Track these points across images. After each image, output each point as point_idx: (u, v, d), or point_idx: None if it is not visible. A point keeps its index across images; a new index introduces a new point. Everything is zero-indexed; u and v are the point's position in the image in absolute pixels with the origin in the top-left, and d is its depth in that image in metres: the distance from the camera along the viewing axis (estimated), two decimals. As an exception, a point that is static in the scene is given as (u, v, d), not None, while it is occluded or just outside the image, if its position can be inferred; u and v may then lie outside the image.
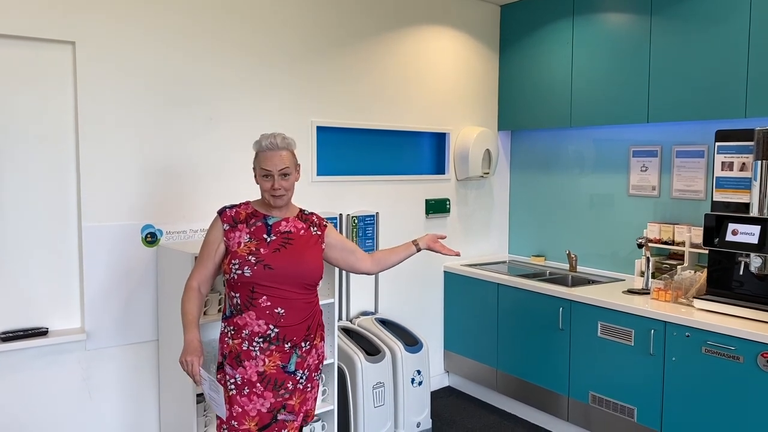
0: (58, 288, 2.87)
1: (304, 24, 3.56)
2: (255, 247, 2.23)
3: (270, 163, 2.22)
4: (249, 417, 2.23)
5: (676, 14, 3.41)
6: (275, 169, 2.22)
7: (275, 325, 2.22)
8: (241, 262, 2.20)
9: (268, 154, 2.23)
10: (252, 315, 2.22)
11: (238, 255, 2.22)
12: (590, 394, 3.44)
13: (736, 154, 3.06)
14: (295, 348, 2.27)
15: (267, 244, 2.24)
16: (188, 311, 2.26)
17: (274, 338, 2.23)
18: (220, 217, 2.30)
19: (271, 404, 2.25)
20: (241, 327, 2.23)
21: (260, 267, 2.20)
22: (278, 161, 2.22)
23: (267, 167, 2.22)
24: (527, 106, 4.32)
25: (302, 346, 2.29)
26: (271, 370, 2.23)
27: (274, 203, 2.26)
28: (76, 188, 2.89)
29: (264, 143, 2.24)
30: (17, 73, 2.71)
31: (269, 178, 2.23)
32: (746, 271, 2.98)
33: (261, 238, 2.25)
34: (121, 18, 2.92)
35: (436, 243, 2.56)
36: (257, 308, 2.21)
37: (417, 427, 3.62)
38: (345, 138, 3.89)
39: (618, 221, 4.03)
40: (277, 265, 2.22)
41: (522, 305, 3.82)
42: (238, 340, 2.24)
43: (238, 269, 2.20)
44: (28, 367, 2.79)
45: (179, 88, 3.12)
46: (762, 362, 2.71)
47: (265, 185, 2.25)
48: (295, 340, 2.26)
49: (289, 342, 2.25)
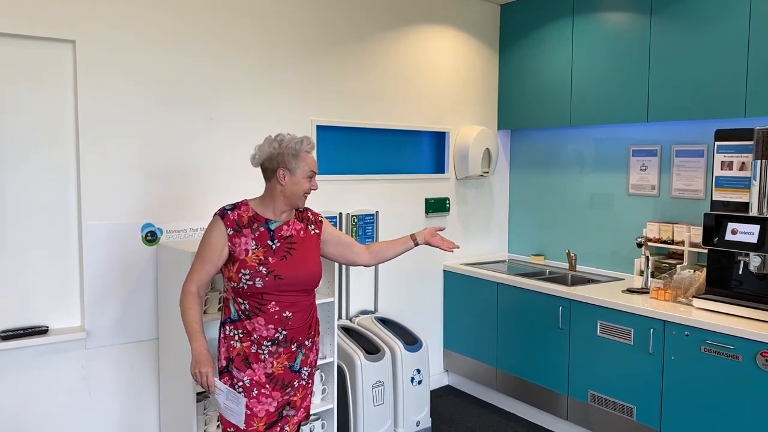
0: (58, 287, 2.88)
1: (305, 23, 3.56)
2: (263, 256, 2.22)
3: (315, 164, 2.30)
4: (257, 418, 2.25)
5: (675, 14, 3.42)
6: (317, 169, 2.31)
7: (284, 328, 2.25)
8: (252, 273, 2.19)
9: (312, 156, 2.30)
10: (261, 321, 2.23)
11: (248, 265, 2.20)
12: (589, 393, 3.45)
13: (735, 153, 3.06)
14: (300, 347, 2.32)
15: (273, 252, 2.24)
16: (193, 320, 2.21)
17: (282, 341, 2.26)
18: (222, 220, 2.24)
19: (278, 403, 2.28)
20: (250, 331, 2.24)
21: (271, 278, 2.21)
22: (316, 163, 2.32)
23: (314, 168, 2.29)
24: (527, 106, 4.32)
25: (306, 344, 2.34)
26: (279, 371, 2.27)
27: (303, 204, 2.32)
28: (76, 187, 2.89)
29: (305, 146, 2.27)
30: (17, 72, 2.71)
31: (311, 179, 2.29)
32: (745, 270, 2.98)
33: (266, 245, 2.24)
34: (121, 17, 2.92)
35: (435, 237, 2.56)
36: (266, 314, 2.23)
37: (416, 426, 3.63)
38: (345, 137, 3.89)
39: (617, 220, 4.03)
40: (286, 274, 2.23)
41: (521, 304, 3.82)
42: (246, 343, 2.25)
43: (249, 280, 2.19)
44: (27, 365, 2.79)
45: (179, 87, 3.12)
46: (761, 361, 2.71)
47: (305, 185, 2.28)
48: (300, 339, 2.31)
49: (295, 342, 2.30)
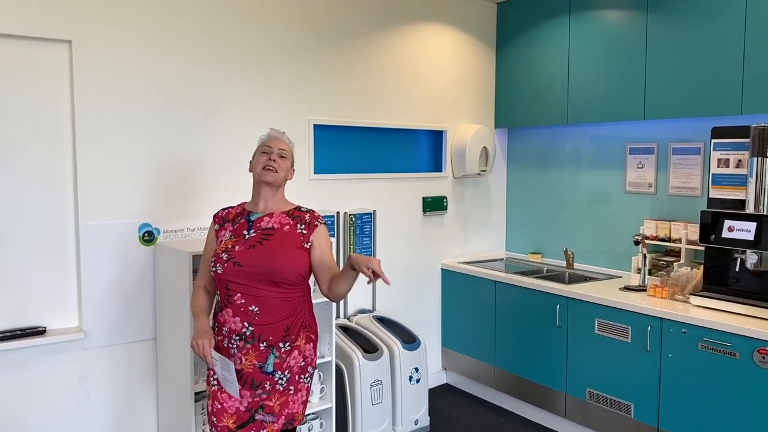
0: (55, 287, 2.87)
1: (301, 22, 3.56)
2: (232, 245, 2.24)
3: (271, 142, 2.33)
4: (227, 414, 2.22)
5: (672, 11, 3.42)
6: (275, 146, 2.31)
7: (249, 323, 2.19)
8: (215, 259, 2.23)
9: (272, 139, 2.36)
10: (229, 312, 2.21)
11: (215, 253, 2.25)
12: (587, 390, 3.45)
13: (732, 151, 3.06)
14: (272, 348, 2.21)
15: (244, 241, 2.24)
16: (196, 304, 2.33)
17: (249, 337, 2.19)
18: (214, 218, 2.37)
19: (248, 403, 2.22)
20: (222, 324, 2.24)
21: (230, 264, 2.19)
22: (279, 143, 2.33)
23: (269, 144, 2.33)
24: (524, 104, 4.32)
25: (280, 346, 2.21)
26: (248, 369, 2.21)
27: (264, 176, 2.26)
28: (73, 187, 2.89)
29: (272, 133, 2.38)
30: (13, 72, 2.71)
31: (266, 153, 2.30)
32: (742, 267, 2.99)
33: (240, 234, 2.26)
34: (118, 17, 2.92)
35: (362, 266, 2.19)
36: (233, 305, 2.21)
37: (415, 425, 3.63)
38: (342, 136, 3.89)
39: (615, 218, 4.04)
40: (246, 262, 2.19)
41: (519, 302, 3.83)
42: (219, 337, 2.26)
43: (213, 266, 2.23)
44: (25, 366, 2.79)
45: (176, 87, 3.12)
46: (758, 358, 2.72)
47: (261, 159, 2.29)
48: (272, 339, 2.20)
49: (264, 341, 2.20)
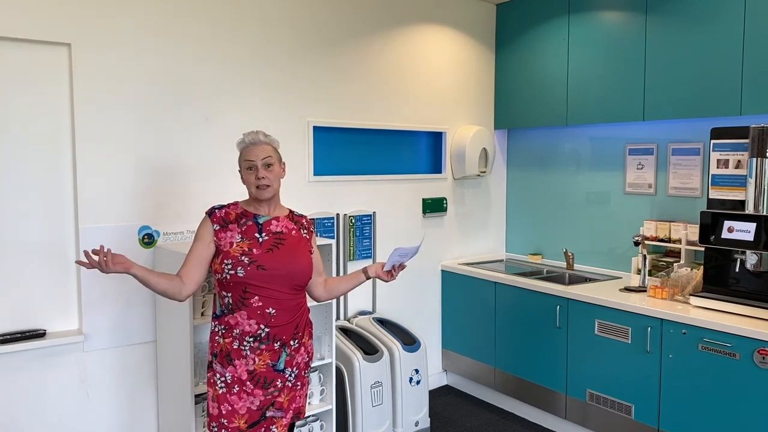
0: (55, 290, 2.87)
1: (301, 23, 3.56)
2: (248, 247, 2.24)
3: (253, 154, 2.28)
4: (239, 415, 2.25)
5: (671, 12, 3.42)
6: (258, 158, 2.27)
7: (266, 325, 2.24)
8: (234, 262, 2.22)
9: (250, 148, 2.30)
10: (243, 315, 2.23)
11: (231, 255, 2.23)
12: (587, 391, 3.45)
13: (731, 151, 3.07)
14: (284, 346, 2.29)
15: (260, 244, 2.26)
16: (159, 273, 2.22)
17: (264, 338, 2.24)
18: (209, 217, 2.32)
19: (260, 402, 2.26)
20: (232, 326, 2.25)
21: (253, 267, 2.21)
22: (260, 152, 2.28)
23: (250, 158, 2.28)
24: (523, 105, 4.32)
25: (291, 344, 2.30)
26: (261, 369, 2.25)
27: (260, 195, 2.28)
28: (72, 190, 2.89)
29: (247, 139, 2.31)
30: (13, 75, 2.71)
31: (253, 170, 2.28)
32: (742, 268, 2.99)
33: (253, 237, 2.27)
34: (117, 19, 2.92)
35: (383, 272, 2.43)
36: (249, 308, 2.23)
37: (415, 426, 3.63)
38: (342, 138, 3.89)
39: (614, 219, 4.04)
40: (270, 266, 2.23)
41: (519, 304, 3.83)
42: (228, 339, 2.26)
43: (231, 269, 2.21)
44: (26, 368, 2.79)
45: (175, 89, 3.12)
46: (758, 359, 2.72)
47: (249, 178, 2.28)
48: (284, 338, 2.28)
49: (278, 341, 2.27)
